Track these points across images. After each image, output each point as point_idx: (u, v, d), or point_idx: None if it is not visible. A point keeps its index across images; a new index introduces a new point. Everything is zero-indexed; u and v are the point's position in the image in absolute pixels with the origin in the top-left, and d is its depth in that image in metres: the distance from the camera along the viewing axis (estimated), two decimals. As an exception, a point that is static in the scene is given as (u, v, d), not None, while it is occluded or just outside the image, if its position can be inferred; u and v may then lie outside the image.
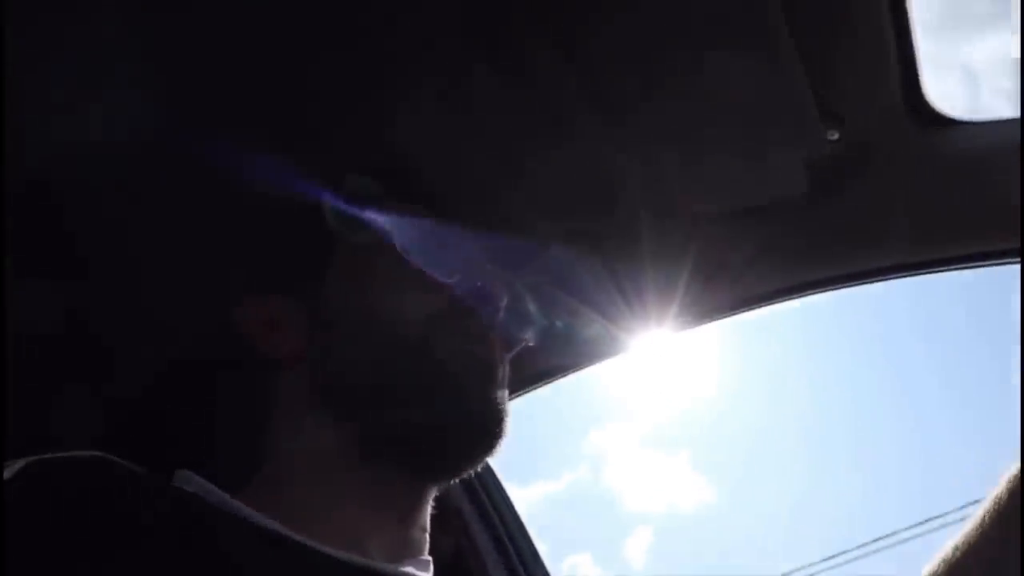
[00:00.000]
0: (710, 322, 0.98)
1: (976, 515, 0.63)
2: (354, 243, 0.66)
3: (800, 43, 0.68)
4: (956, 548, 0.63)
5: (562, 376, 1.08)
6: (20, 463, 0.48)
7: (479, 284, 0.66)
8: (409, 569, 0.59)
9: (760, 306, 0.98)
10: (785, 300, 0.97)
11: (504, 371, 0.66)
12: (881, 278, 0.94)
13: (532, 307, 0.73)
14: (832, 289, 0.97)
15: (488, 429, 0.62)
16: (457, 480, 0.67)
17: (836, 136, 0.75)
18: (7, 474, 0.47)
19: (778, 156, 0.78)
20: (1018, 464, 0.61)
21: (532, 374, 1.06)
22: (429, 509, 0.65)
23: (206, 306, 0.72)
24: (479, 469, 0.78)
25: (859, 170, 0.81)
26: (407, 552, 0.62)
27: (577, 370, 1.09)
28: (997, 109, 0.79)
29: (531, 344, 0.72)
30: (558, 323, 0.95)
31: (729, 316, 0.99)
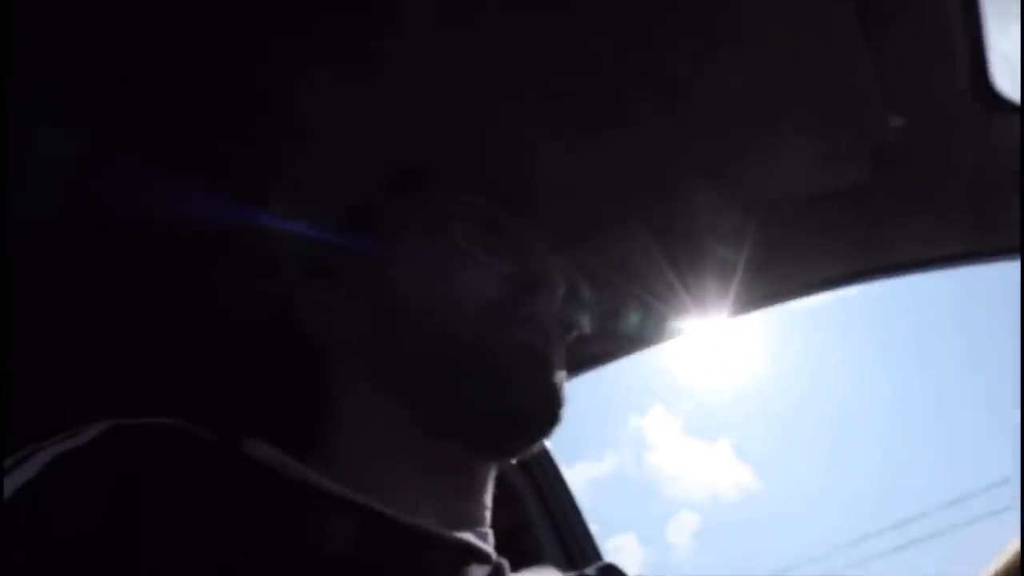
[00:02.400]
0: (764, 309, 0.98)
1: None
2: (413, 230, 0.67)
3: (867, 27, 0.68)
4: None
5: (612, 361, 1.09)
6: (100, 426, 0.50)
7: (536, 272, 0.66)
8: (469, 536, 0.61)
9: (817, 293, 0.97)
10: (843, 288, 0.97)
11: (561, 356, 0.66)
12: (940, 267, 0.94)
13: (588, 294, 0.74)
14: (891, 277, 0.97)
15: (544, 414, 0.63)
16: (515, 460, 0.68)
17: (900, 122, 0.75)
18: (90, 435, 0.49)
19: (841, 142, 0.77)
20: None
21: (584, 358, 1.07)
22: (491, 487, 0.67)
23: (271, 287, 0.75)
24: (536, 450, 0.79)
25: (923, 157, 0.80)
26: (469, 522, 0.63)
27: (627, 355, 1.10)
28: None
29: (587, 331, 0.73)
30: (613, 310, 0.96)
31: (784, 303, 0.99)
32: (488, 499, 0.67)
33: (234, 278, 0.81)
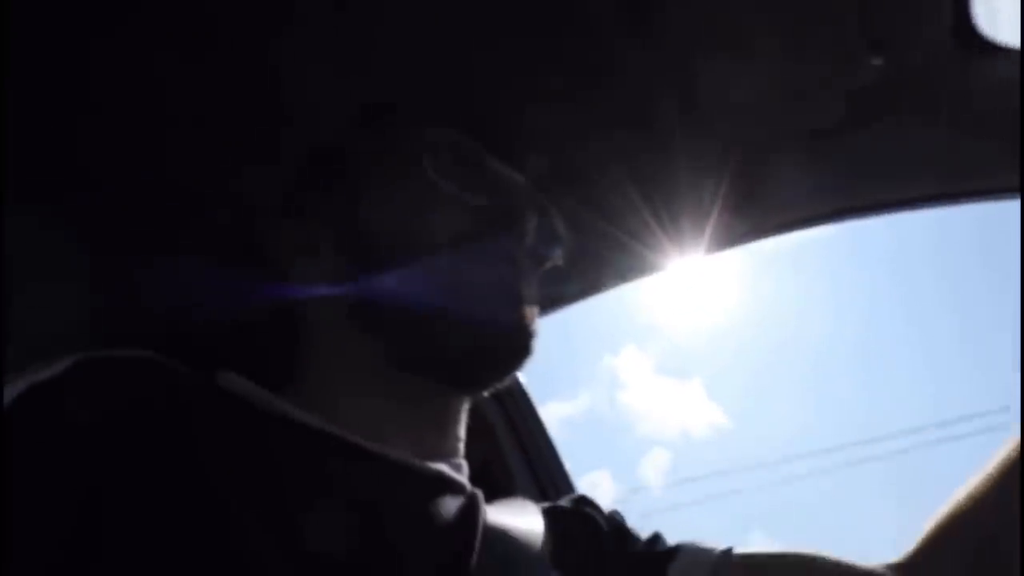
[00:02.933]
0: (738, 246, 0.98)
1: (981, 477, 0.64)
2: (385, 166, 0.67)
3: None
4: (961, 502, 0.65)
5: (586, 298, 1.09)
6: (73, 357, 0.49)
7: (508, 205, 0.66)
8: (443, 467, 0.62)
9: (790, 231, 0.97)
10: (815, 226, 0.97)
11: (533, 290, 0.67)
12: (916, 207, 0.93)
13: (562, 228, 0.73)
14: (864, 217, 0.97)
15: (514, 347, 0.64)
16: (488, 393, 0.69)
17: (879, 62, 0.73)
18: (60, 368, 0.48)
19: (818, 81, 0.76)
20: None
21: (557, 296, 1.07)
22: (464, 419, 0.68)
23: (238, 226, 0.74)
24: (509, 384, 0.80)
25: (901, 98, 0.79)
26: (442, 453, 0.64)
27: (601, 292, 1.10)
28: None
29: (559, 264, 0.72)
30: (587, 245, 0.95)
31: (758, 240, 0.99)
32: (461, 431, 0.68)
33: (207, 217, 0.81)
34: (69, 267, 0.82)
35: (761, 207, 0.95)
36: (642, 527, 0.74)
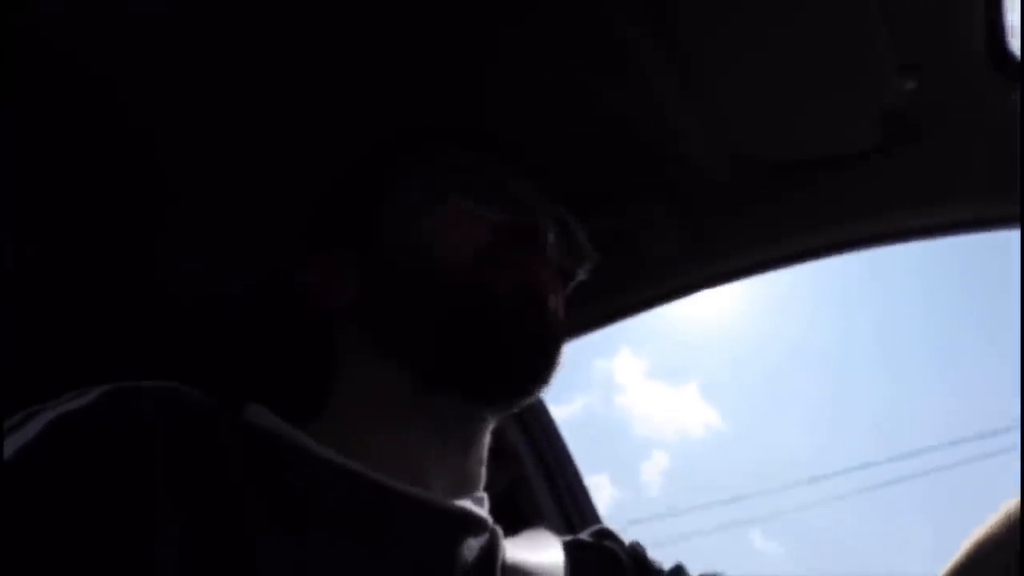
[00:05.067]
0: (766, 272, 0.97)
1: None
2: (403, 190, 0.68)
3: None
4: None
5: (618, 320, 1.08)
6: (102, 388, 0.50)
7: (529, 221, 0.66)
8: (467, 504, 0.61)
9: (817, 259, 0.96)
10: (843, 254, 0.95)
11: (558, 303, 0.67)
12: (945, 235, 0.92)
13: (585, 242, 0.73)
14: (893, 244, 0.96)
15: (540, 354, 0.64)
16: (512, 411, 0.69)
17: (913, 85, 0.73)
18: (90, 397, 0.49)
19: (851, 104, 0.76)
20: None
21: (583, 319, 1.07)
22: (487, 441, 0.67)
23: (268, 262, 0.74)
24: (534, 407, 0.80)
25: (935, 122, 0.78)
26: (466, 486, 0.64)
27: (622, 317, 1.09)
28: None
29: (583, 277, 0.73)
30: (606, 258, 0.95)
31: (785, 267, 0.98)
32: (484, 456, 0.67)
33: (235, 251, 0.81)
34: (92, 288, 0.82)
35: (785, 230, 0.95)
36: (639, 534, 0.73)
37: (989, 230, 0.91)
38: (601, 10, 0.68)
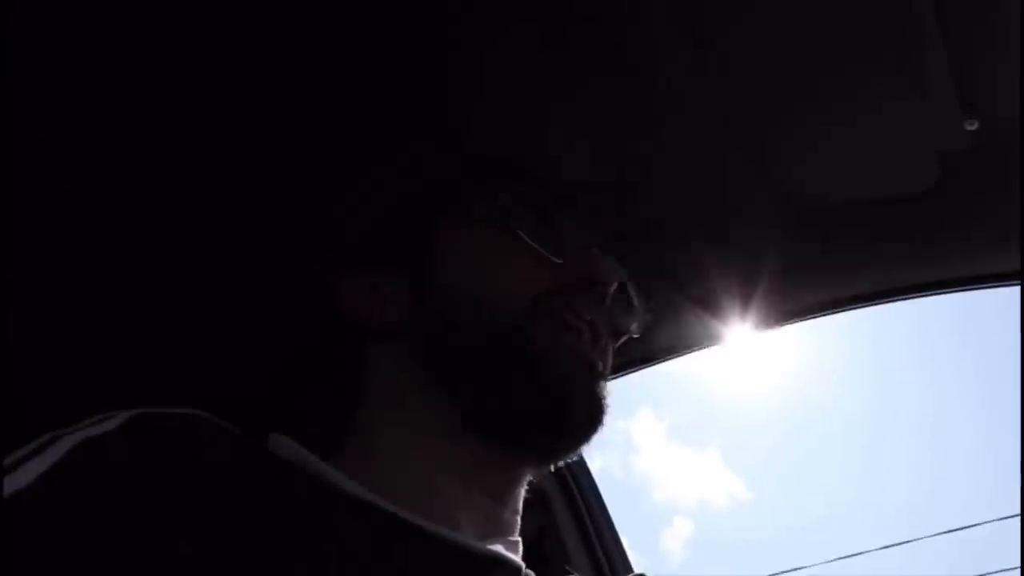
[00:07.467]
0: (814, 317, 0.95)
1: None
2: (464, 220, 0.66)
3: (944, 27, 0.65)
4: None
5: (649, 365, 1.06)
6: (126, 413, 0.49)
7: (588, 270, 0.64)
8: (499, 548, 0.58)
9: (866, 305, 0.94)
10: (893, 300, 0.93)
11: (607, 360, 0.65)
12: (999, 285, 0.90)
13: (639, 297, 0.71)
14: (942, 293, 0.93)
15: (587, 417, 0.61)
16: (554, 467, 0.66)
17: (975, 126, 0.71)
18: (114, 423, 0.48)
19: (911, 145, 0.74)
20: None
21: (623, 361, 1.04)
22: (523, 492, 0.65)
23: (313, 277, 0.73)
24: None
25: (991, 165, 0.76)
26: (498, 532, 0.61)
27: (661, 360, 1.07)
28: None
29: (636, 335, 0.71)
30: (660, 313, 0.93)
31: (832, 313, 0.95)
32: (519, 505, 0.64)
33: (273, 268, 0.80)
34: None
35: (835, 278, 0.93)
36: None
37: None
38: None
